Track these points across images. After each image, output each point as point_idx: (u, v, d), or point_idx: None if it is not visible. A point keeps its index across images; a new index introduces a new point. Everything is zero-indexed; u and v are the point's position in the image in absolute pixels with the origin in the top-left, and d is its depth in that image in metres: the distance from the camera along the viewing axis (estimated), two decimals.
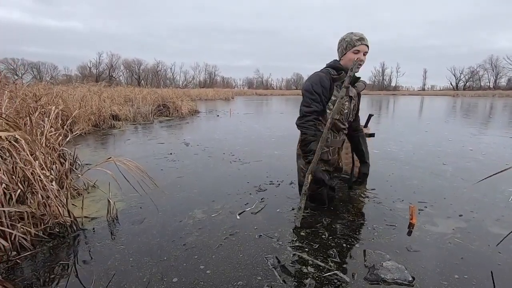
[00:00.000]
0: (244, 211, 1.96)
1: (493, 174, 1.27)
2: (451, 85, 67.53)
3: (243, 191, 2.34)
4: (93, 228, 1.71)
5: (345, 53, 1.84)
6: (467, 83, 64.85)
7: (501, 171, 1.20)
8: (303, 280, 1.25)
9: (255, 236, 1.63)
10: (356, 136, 2.13)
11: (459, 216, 1.90)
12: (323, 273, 1.31)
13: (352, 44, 1.80)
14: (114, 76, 60.12)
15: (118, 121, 6.87)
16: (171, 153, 3.70)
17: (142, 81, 56.00)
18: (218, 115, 9.55)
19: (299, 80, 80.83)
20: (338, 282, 1.25)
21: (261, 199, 2.17)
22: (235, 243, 1.55)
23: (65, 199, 1.69)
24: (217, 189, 2.39)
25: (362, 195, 2.29)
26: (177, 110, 9.04)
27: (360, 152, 2.13)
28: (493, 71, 61.35)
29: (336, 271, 1.31)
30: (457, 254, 1.45)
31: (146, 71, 65.61)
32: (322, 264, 1.37)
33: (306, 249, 1.50)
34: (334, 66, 1.91)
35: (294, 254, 1.45)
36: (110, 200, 1.83)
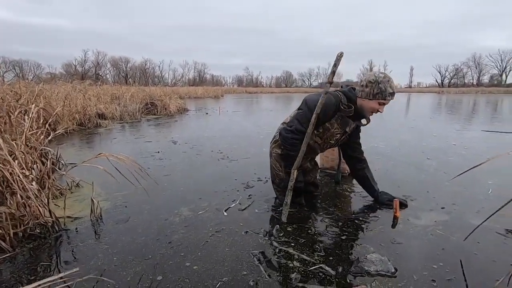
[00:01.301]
0: (230, 207, 1.96)
1: (470, 168, 1.31)
2: (437, 82, 69.12)
3: (230, 188, 2.33)
4: (76, 228, 1.67)
5: (370, 99, 1.69)
6: (452, 80, 66.51)
7: (477, 165, 1.24)
8: (288, 274, 1.26)
9: (242, 232, 1.63)
10: (361, 169, 2.02)
11: (441, 208, 1.95)
12: (308, 267, 1.32)
13: (383, 96, 1.67)
14: (100, 74, 58.87)
15: (104, 120, 6.73)
16: (158, 152, 3.65)
17: (130, 79, 54.99)
18: (207, 113, 9.49)
19: (289, 78, 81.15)
20: (323, 275, 1.26)
21: (249, 195, 2.17)
22: (222, 240, 1.54)
23: (46, 199, 1.65)
24: (204, 186, 2.38)
25: (348, 190, 2.32)
26: (165, 108, 8.93)
27: (368, 187, 2.05)
28: (476, 68, 63.14)
29: (321, 265, 1.33)
30: (438, 245, 1.49)
31: (134, 69, 64.50)
32: (308, 258, 1.38)
33: (292, 244, 1.51)
34: (350, 99, 1.77)
35: (280, 249, 1.45)
36: (94, 199, 1.79)
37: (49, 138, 2.43)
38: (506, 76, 59.91)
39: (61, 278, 1.16)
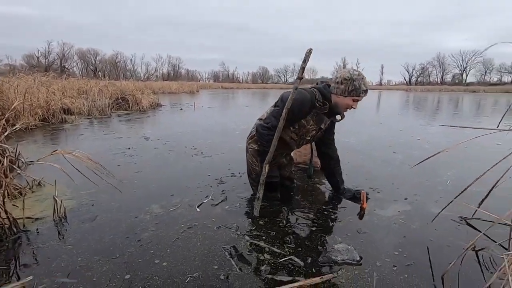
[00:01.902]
0: (202, 203, 1.95)
1: (426, 159, 1.41)
2: (405, 80, 72.54)
3: (203, 184, 2.32)
4: (37, 229, 1.58)
5: (345, 96, 1.74)
6: (419, 79, 70.16)
7: (433, 155, 1.33)
8: (259, 267, 1.28)
9: (214, 227, 1.63)
10: (333, 166, 2.09)
11: (404, 199, 2.06)
12: (278, 259, 1.35)
13: (357, 94, 1.72)
14: (66, 67, 55.48)
15: (70, 115, 6.37)
16: (129, 148, 3.53)
17: (99, 73, 52.28)
18: (181, 109, 9.29)
19: (265, 74, 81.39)
20: (292, 267, 1.30)
21: (222, 191, 2.17)
22: (193, 236, 1.53)
23: (1, 199, 1.54)
24: (177, 183, 2.34)
25: (319, 183, 2.38)
26: (138, 104, 8.61)
27: (335, 183, 2.12)
28: (440, 68, 67.12)
29: (291, 256, 1.36)
30: (400, 234, 1.59)
31: (104, 62, 61.46)
32: (278, 251, 1.41)
33: (264, 237, 1.53)
34: (325, 96, 1.80)
35: (251, 243, 1.47)
36: (57, 198, 1.70)
37: (6, 134, 2.26)
38: (466, 75, 64.34)
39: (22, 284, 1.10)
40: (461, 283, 1.19)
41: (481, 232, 1.23)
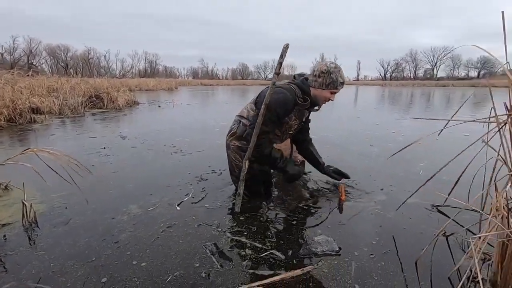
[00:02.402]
0: (182, 201, 1.92)
1: (400, 150, 1.46)
2: (380, 75, 74.98)
3: (183, 182, 2.28)
4: (4, 236, 1.49)
5: (323, 89, 1.77)
6: (393, 74, 72.73)
7: (406, 147, 1.38)
8: (240, 263, 1.28)
9: (195, 225, 1.61)
10: (307, 146, 2.18)
11: (380, 190, 2.14)
12: (260, 253, 1.35)
13: (334, 86, 1.76)
14: (34, 63, 52.40)
15: (40, 114, 6.03)
16: (104, 148, 3.40)
17: (71, 70, 49.83)
18: (159, 106, 9.07)
19: (245, 70, 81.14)
20: (274, 261, 1.31)
21: (202, 188, 2.15)
22: (173, 235, 1.51)
23: None
24: (156, 182, 2.28)
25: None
26: (113, 102, 8.30)
27: (315, 160, 2.19)
28: (413, 63, 69.94)
29: (272, 250, 1.37)
30: (377, 223, 1.64)
31: (75, 59, 58.63)
32: (260, 245, 1.41)
33: (245, 233, 1.53)
34: (304, 91, 1.82)
35: (232, 239, 1.47)
36: (26, 202, 1.61)
37: None
38: (437, 71, 67.52)
39: None
40: (433, 267, 1.25)
41: (450, 218, 1.30)
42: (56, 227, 1.58)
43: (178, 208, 1.82)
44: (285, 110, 1.77)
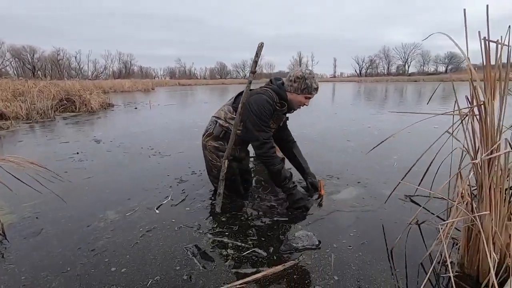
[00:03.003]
0: (162, 204, 1.88)
1: (377, 145, 1.51)
2: (356, 72, 77.10)
3: (162, 184, 2.23)
4: None
5: (298, 93, 1.82)
6: (368, 70, 75.05)
7: (383, 142, 1.43)
8: (223, 263, 1.28)
9: (175, 228, 1.58)
10: (290, 148, 2.17)
11: (357, 183, 2.21)
12: (242, 252, 1.36)
13: (309, 91, 1.80)
14: None
15: (5, 120, 5.68)
16: (77, 153, 3.26)
17: (39, 72, 47.13)
18: (136, 108, 8.81)
19: (223, 69, 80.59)
20: (256, 258, 1.32)
21: (182, 190, 2.12)
22: (153, 239, 1.48)
23: None
24: (134, 186, 2.23)
25: None
26: (86, 105, 7.97)
27: (297, 164, 2.17)
28: (386, 60, 72.48)
29: (254, 248, 1.38)
30: (354, 215, 1.70)
31: (43, 60, 55.54)
32: (242, 244, 1.42)
33: (227, 233, 1.53)
34: (281, 97, 1.84)
35: (214, 240, 1.46)
36: None
37: None
38: (408, 66, 70.37)
39: None
40: (407, 255, 1.31)
41: (421, 206, 1.36)
42: (26, 238, 1.50)
43: (157, 211, 1.79)
44: (266, 117, 1.77)
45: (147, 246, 1.41)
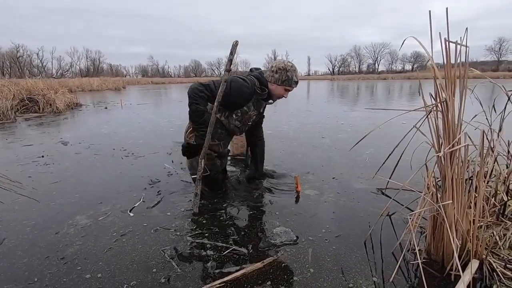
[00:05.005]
0: (135, 206, 1.82)
1: (357, 143, 1.56)
2: (329, 70, 79.03)
3: (137, 186, 2.16)
4: None
5: (278, 84, 1.86)
6: (340, 69, 77.21)
7: (361, 139, 1.48)
8: (204, 264, 1.27)
9: (151, 231, 1.54)
10: (255, 143, 2.22)
11: (332, 178, 2.28)
12: (222, 252, 1.35)
13: (289, 84, 1.85)
14: None
15: None
16: (43, 156, 3.07)
17: None
18: (106, 108, 8.44)
19: (198, 67, 79.22)
20: (237, 256, 1.32)
21: (158, 192, 2.06)
22: (128, 243, 1.43)
23: None
24: (106, 189, 2.13)
25: None
26: (50, 105, 7.50)
27: (255, 160, 2.22)
28: (357, 58, 74.99)
29: (234, 247, 1.38)
30: (330, 210, 1.75)
31: (0, 58, 51.40)
32: (222, 244, 1.41)
33: (206, 234, 1.51)
34: (262, 83, 1.88)
35: (192, 242, 1.44)
36: None
37: None
38: (378, 65, 73.35)
39: None
40: (380, 245, 1.37)
41: (391, 198, 1.43)
42: None
43: (131, 214, 1.73)
44: (239, 94, 1.78)
45: (122, 251, 1.36)
